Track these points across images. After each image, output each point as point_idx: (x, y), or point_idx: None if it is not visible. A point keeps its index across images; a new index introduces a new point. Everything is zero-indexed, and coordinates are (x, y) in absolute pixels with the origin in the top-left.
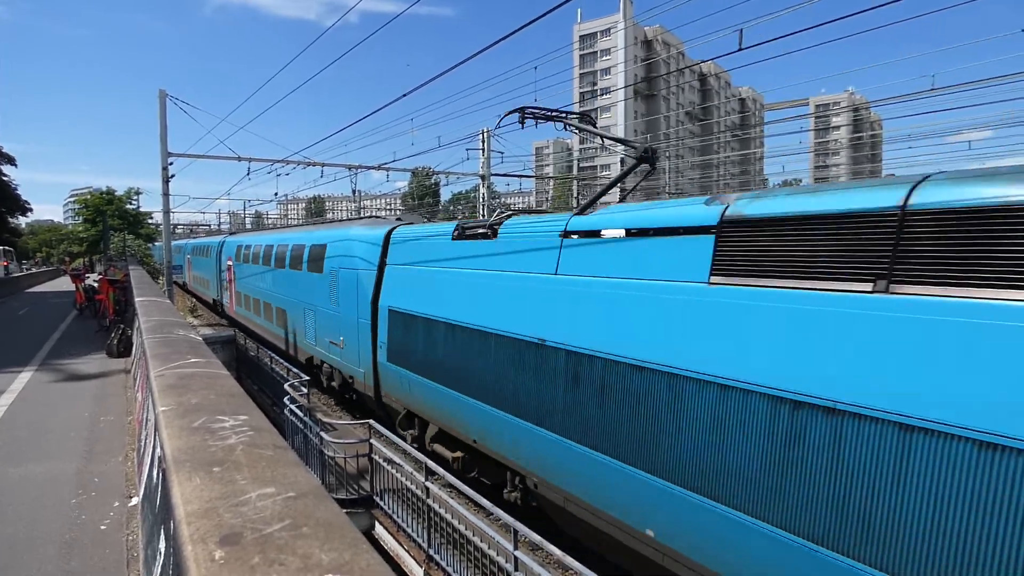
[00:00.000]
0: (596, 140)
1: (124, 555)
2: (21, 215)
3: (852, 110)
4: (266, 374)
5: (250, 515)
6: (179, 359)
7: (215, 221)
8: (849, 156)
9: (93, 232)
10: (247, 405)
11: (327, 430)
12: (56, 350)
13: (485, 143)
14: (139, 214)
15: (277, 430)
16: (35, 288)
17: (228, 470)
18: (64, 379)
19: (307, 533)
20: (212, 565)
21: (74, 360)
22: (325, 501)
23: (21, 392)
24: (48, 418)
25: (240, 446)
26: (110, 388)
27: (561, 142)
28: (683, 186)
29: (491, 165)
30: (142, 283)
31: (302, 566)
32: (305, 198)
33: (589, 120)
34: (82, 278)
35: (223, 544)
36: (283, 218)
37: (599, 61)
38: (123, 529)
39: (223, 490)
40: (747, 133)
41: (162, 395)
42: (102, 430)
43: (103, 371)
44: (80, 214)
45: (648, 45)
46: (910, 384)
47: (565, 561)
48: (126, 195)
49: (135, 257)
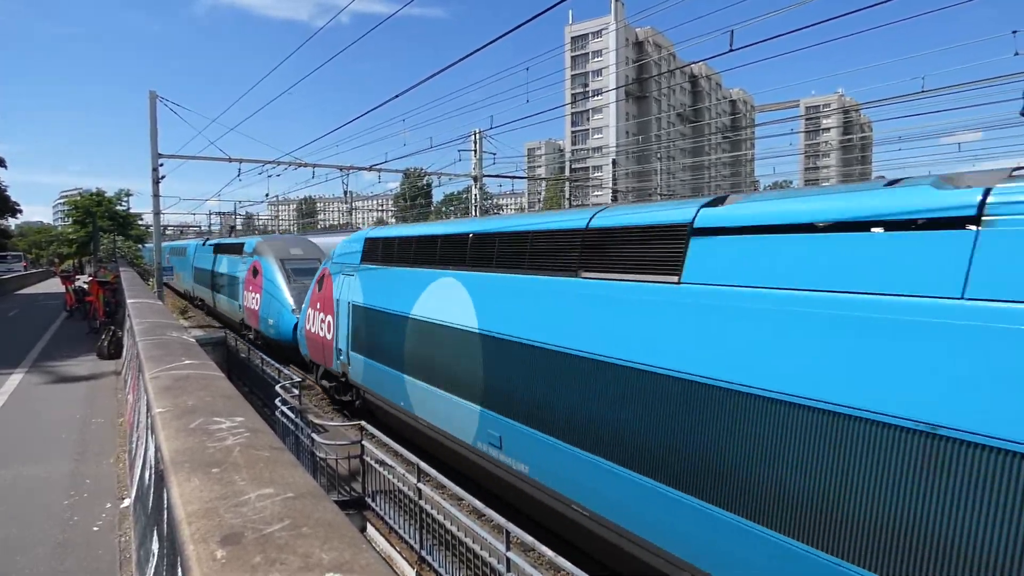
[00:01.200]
0: (588, 141)
1: (117, 556)
2: (11, 216)
3: (842, 112)
4: (257, 375)
5: (250, 515)
6: (173, 361)
7: (205, 223)
8: (839, 158)
9: (83, 233)
10: (243, 407)
11: (318, 431)
12: (46, 352)
13: (477, 144)
14: (129, 215)
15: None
16: (25, 290)
17: (227, 471)
18: (55, 381)
19: (307, 533)
20: (214, 564)
21: (65, 362)
22: (324, 501)
23: (12, 394)
24: (39, 420)
25: (238, 447)
26: (101, 390)
27: (553, 143)
28: (675, 187)
29: (483, 166)
30: (133, 285)
31: (303, 565)
32: (296, 199)
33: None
34: (72, 280)
35: (224, 544)
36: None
37: (591, 62)
38: (115, 530)
39: (223, 491)
40: (738, 135)
41: (158, 397)
42: (93, 432)
43: (94, 373)
44: (70, 215)
45: (639, 46)
46: (594, 332)
47: (557, 562)
48: (116, 196)
49: (125, 258)
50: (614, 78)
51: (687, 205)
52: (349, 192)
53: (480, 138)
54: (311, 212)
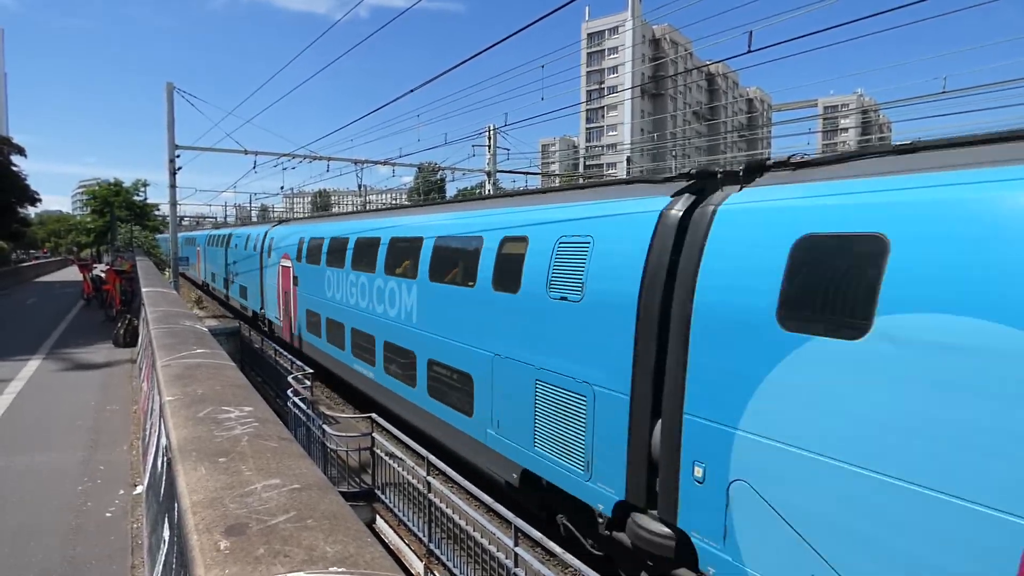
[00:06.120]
0: (602, 139)
1: (129, 543)
2: (30, 205)
3: (861, 112)
4: (269, 366)
5: (255, 506)
6: (185, 350)
7: (221, 214)
8: None
9: (100, 223)
10: (252, 396)
11: (330, 423)
12: (63, 339)
13: (492, 140)
14: (146, 206)
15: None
16: (42, 278)
17: (233, 461)
18: (71, 368)
19: (312, 525)
20: (217, 555)
21: (81, 349)
22: (330, 493)
23: (29, 380)
24: (55, 406)
25: (245, 437)
26: (116, 378)
27: (567, 140)
28: None
29: (497, 162)
30: (149, 274)
31: (307, 558)
32: (311, 192)
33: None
34: (90, 268)
35: (228, 534)
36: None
37: (606, 59)
38: (128, 517)
39: (228, 480)
40: (754, 134)
41: (168, 385)
42: (108, 419)
43: (109, 361)
44: (88, 205)
45: (656, 44)
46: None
47: (565, 558)
48: (133, 187)
49: (141, 248)
50: (630, 75)
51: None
52: (363, 186)
53: (495, 134)
54: (325, 205)
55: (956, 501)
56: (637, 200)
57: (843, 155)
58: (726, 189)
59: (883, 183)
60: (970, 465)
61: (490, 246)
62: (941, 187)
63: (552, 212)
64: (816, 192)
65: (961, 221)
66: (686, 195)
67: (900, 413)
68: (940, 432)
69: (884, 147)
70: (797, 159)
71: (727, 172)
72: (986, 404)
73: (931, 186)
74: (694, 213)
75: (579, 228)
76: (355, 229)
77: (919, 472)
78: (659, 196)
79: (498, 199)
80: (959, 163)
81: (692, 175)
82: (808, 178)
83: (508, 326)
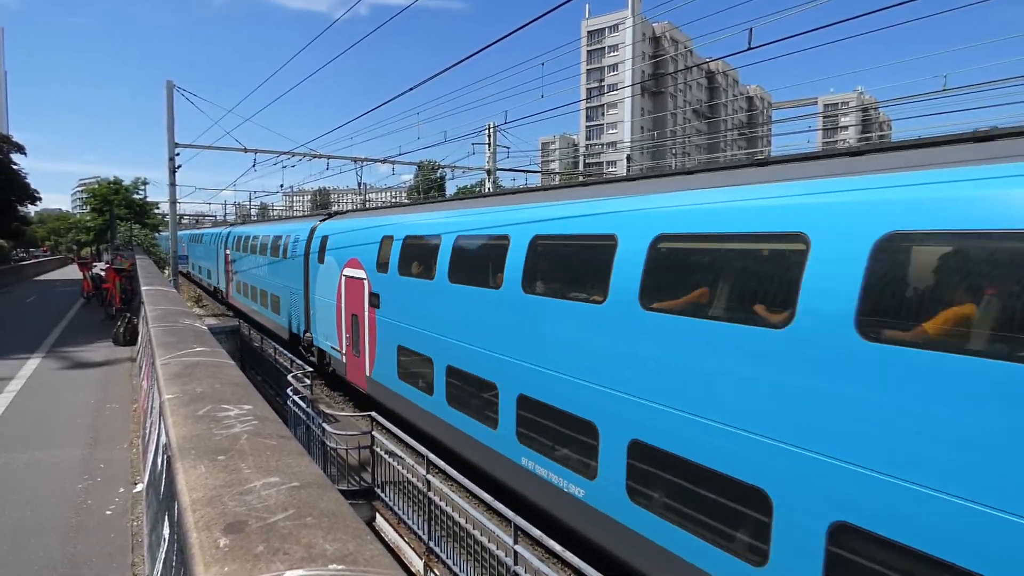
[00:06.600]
0: (602, 137)
1: (129, 540)
2: (31, 203)
3: (861, 110)
4: (269, 364)
5: (254, 504)
6: (185, 348)
7: (221, 212)
8: None
9: (100, 221)
10: (252, 394)
11: (330, 421)
12: (63, 338)
13: (491, 138)
14: (145, 204)
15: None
16: (42, 276)
17: (233, 459)
18: (71, 366)
19: (311, 523)
20: (217, 552)
21: (80, 348)
22: (329, 491)
23: (29, 379)
24: (55, 405)
25: (245, 435)
26: (115, 376)
27: (567, 138)
28: None
29: (497, 160)
30: (149, 272)
31: (306, 555)
32: (311, 190)
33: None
34: (89, 267)
35: (228, 532)
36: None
37: (607, 57)
38: (128, 515)
39: (228, 478)
40: (754, 132)
41: (167, 383)
42: (108, 417)
43: (109, 359)
44: (88, 203)
45: (656, 41)
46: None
47: (564, 556)
48: (133, 185)
49: (141, 247)
50: (630, 73)
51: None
52: (363, 184)
53: (494, 132)
54: (325, 203)
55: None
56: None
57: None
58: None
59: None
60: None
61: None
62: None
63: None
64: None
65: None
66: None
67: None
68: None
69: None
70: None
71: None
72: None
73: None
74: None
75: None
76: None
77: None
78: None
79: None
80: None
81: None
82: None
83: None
